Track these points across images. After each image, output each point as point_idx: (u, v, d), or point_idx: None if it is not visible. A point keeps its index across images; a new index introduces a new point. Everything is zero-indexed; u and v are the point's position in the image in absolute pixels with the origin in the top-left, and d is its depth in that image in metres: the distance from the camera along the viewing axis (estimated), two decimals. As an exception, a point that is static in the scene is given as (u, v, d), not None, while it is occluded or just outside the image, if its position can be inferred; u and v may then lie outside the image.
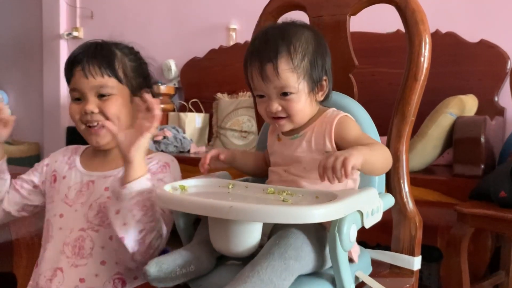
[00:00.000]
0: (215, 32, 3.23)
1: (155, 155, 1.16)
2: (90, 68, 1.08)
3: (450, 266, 1.70)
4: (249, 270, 0.71)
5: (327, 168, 0.75)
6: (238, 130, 2.89)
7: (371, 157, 0.81)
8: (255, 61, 0.89)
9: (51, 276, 1.07)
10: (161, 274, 0.76)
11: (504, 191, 1.59)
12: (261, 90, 0.90)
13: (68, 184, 1.15)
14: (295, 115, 0.90)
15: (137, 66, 1.16)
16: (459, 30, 2.44)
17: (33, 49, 4.10)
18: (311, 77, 0.89)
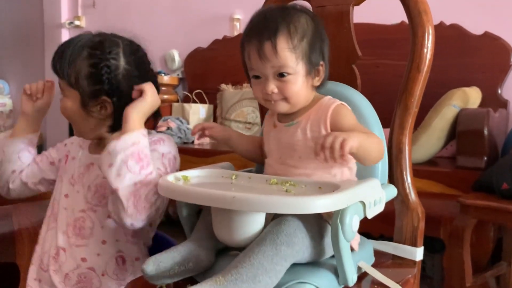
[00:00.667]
0: (219, 22, 3.22)
1: (150, 134, 1.13)
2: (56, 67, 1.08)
3: (452, 257, 1.71)
4: (241, 256, 0.72)
5: (325, 147, 0.75)
6: (242, 122, 2.89)
7: (366, 144, 0.81)
8: (253, 39, 0.87)
9: (54, 255, 1.10)
10: (159, 272, 0.76)
11: (507, 183, 1.60)
12: (258, 70, 0.88)
13: (75, 165, 1.17)
14: (291, 97, 0.89)
15: (95, 73, 1.06)
16: (464, 22, 2.44)
17: (34, 38, 4.08)
18: (309, 59, 0.88)
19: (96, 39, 1.08)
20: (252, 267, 0.70)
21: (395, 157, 0.99)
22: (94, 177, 1.11)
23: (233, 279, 0.69)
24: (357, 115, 0.95)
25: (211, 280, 0.69)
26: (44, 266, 1.11)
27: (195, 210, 0.91)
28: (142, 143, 0.98)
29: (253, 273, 0.70)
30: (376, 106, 1.05)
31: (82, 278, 1.07)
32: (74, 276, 1.07)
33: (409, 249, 0.98)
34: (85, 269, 1.07)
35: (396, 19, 2.43)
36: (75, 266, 1.07)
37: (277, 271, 0.72)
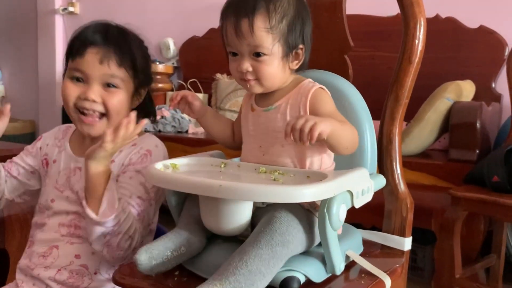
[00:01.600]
0: (214, 10, 3.12)
1: (139, 140, 1.11)
2: (107, 54, 1.03)
3: (443, 248, 1.73)
4: (237, 260, 0.71)
5: (295, 129, 0.74)
6: (237, 111, 2.87)
7: (339, 131, 0.79)
8: (230, 15, 0.85)
9: (44, 253, 1.07)
10: (152, 260, 0.76)
11: (497, 176, 1.61)
12: (234, 47, 0.86)
13: (58, 168, 1.13)
14: (265, 79, 0.86)
15: (145, 62, 1.11)
16: (459, 16, 2.44)
17: (27, 24, 4.04)
18: (286, 41, 0.85)
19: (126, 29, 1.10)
20: (250, 274, 0.69)
21: (385, 147, 1.00)
22: (83, 184, 1.05)
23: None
24: (347, 106, 0.95)
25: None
26: (32, 264, 1.08)
27: (184, 198, 0.91)
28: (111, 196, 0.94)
29: (251, 280, 0.69)
30: (371, 97, 1.05)
31: (73, 275, 1.05)
32: (66, 272, 1.05)
33: (397, 239, 0.99)
34: (78, 266, 1.06)
35: (392, 11, 2.43)
36: (67, 263, 1.06)
37: (273, 272, 0.73)
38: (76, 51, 1.05)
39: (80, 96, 1.05)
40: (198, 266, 0.81)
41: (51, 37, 3.84)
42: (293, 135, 0.75)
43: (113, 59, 1.04)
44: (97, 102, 1.05)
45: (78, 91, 1.06)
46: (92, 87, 1.04)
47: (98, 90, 1.05)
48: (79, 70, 1.05)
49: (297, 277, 0.75)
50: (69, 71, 1.07)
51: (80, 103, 1.06)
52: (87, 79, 1.05)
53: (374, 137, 0.98)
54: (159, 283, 0.80)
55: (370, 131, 0.97)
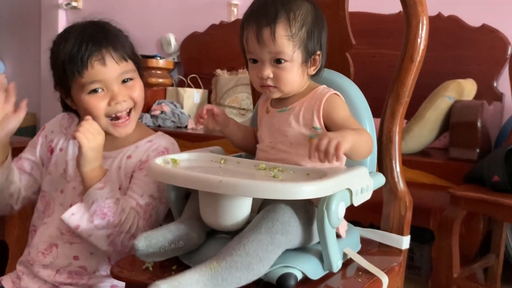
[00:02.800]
0: (216, 7, 3.20)
1: (155, 138, 1.13)
2: (112, 55, 1.03)
3: (441, 247, 1.73)
4: (235, 243, 0.72)
5: (319, 150, 0.76)
6: (236, 107, 2.88)
7: (358, 143, 0.82)
8: (252, 24, 0.88)
9: (44, 250, 1.07)
10: (149, 248, 0.76)
11: (498, 176, 1.61)
12: (255, 54, 0.89)
13: (65, 157, 1.12)
14: (285, 85, 0.89)
15: (132, 44, 1.11)
16: (461, 14, 2.43)
17: (31, 18, 4.05)
18: (306, 48, 0.89)
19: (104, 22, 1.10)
20: (247, 255, 0.70)
21: (384, 146, 1.00)
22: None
23: (228, 267, 0.69)
24: (348, 103, 0.95)
25: (205, 267, 0.69)
26: (31, 259, 1.09)
27: (184, 193, 0.91)
28: (101, 197, 0.96)
29: (248, 261, 0.70)
30: (372, 95, 1.05)
31: (72, 275, 1.06)
32: (65, 272, 1.06)
33: (395, 237, 0.99)
34: (77, 267, 1.06)
35: (394, 9, 2.42)
36: (66, 264, 1.06)
37: (270, 259, 0.73)
38: (79, 65, 1.01)
39: (110, 103, 1.04)
40: (196, 261, 0.81)
41: (54, 31, 3.81)
42: (318, 155, 0.76)
43: (118, 55, 1.04)
44: (126, 101, 1.06)
45: (104, 100, 1.04)
46: (116, 90, 1.04)
47: (121, 89, 1.05)
48: (95, 81, 1.03)
49: (294, 274, 0.75)
50: (83, 86, 1.03)
51: (111, 110, 1.05)
52: (105, 86, 1.04)
53: (374, 135, 0.98)
54: (156, 276, 0.80)
55: (370, 129, 0.97)
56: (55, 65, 1.06)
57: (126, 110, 1.07)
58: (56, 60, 1.05)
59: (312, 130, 0.89)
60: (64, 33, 1.07)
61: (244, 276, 0.70)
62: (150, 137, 1.13)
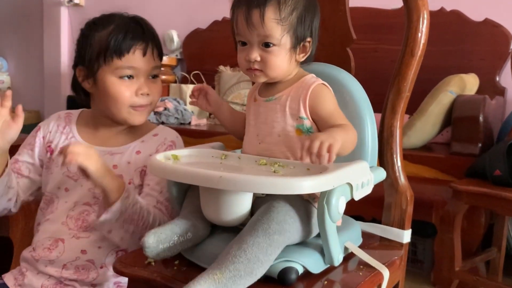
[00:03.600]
0: (218, 3, 3.20)
1: (160, 131, 1.16)
2: (151, 49, 1.08)
3: (443, 241, 1.73)
4: (236, 248, 0.72)
5: (312, 153, 0.75)
6: (239, 104, 2.89)
7: (346, 141, 0.82)
8: (242, 5, 0.87)
9: (50, 245, 1.07)
10: (159, 244, 0.76)
11: (499, 170, 1.61)
12: (244, 36, 0.88)
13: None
14: (271, 69, 0.88)
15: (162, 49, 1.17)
16: (464, 9, 2.43)
17: (33, 15, 4.06)
18: (295, 33, 0.87)
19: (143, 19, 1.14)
20: (249, 262, 0.70)
21: (385, 140, 1.00)
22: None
23: (232, 276, 0.69)
24: (349, 99, 0.95)
25: (208, 277, 0.68)
26: (36, 255, 1.08)
27: (185, 189, 0.91)
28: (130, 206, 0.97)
29: (250, 267, 0.70)
30: (374, 90, 1.05)
31: (79, 269, 1.06)
32: (72, 267, 1.06)
33: (396, 231, 0.99)
34: (84, 261, 1.06)
35: (395, 4, 2.42)
36: (73, 258, 1.06)
37: (271, 260, 0.74)
38: (123, 48, 1.05)
39: (136, 92, 1.08)
40: (198, 256, 0.82)
41: (57, 28, 3.86)
42: (310, 158, 0.76)
43: (156, 51, 1.10)
44: (150, 94, 1.10)
45: (131, 88, 1.07)
46: (143, 82, 1.09)
47: (148, 82, 1.10)
48: (130, 67, 1.06)
49: (295, 268, 0.76)
50: (117, 70, 1.06)
51: (134, 100, 1.08)
52: (137, 75, 1.08)
53: (375, 130, 0.98)
54: (158, 272, 0.81)
55: (371, 124, 0.97)
56: (88, 45, 1.08)
57: (146, 104, 1.10)
58: (91, 40, 1.07)
59: (298, 120, 0.88)
60: (105, 18, 1.10)
61: (248, 282, 0.70)
62: (154, 130, 1.16)
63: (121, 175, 1.07)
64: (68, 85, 1.20)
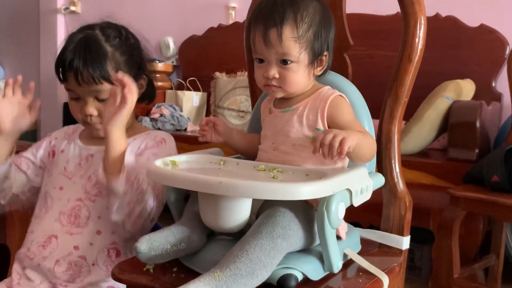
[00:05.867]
0: (214, 10, 3.21)
1: (152, 131, 1.19)
2: (83, 76, 1.05)
3: (441, 248, 1.73)
4: (238, 249, 0.72)
5: (324, 144, 0.76)
6: (235, 110, 2.89)
7: (362, 144, 0.82)
8: (259, 24, 0.87)
9: (43, 242, 1.09)
10: (151, 251, 0.76)
11: (497, 176, 1.61)
12: (262, 54, 0.89)
13: (66, 157, 1.16)
14: (289, 85, 0.89)
15: (128, 58, 1.12)
16: (460, 14, 2.43)
17: (30, 22, 4.06)
18: (313, 49, 0.88)
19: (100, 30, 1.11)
20: (250, 262, 0.70)
21: (384, 146, 1.00)
22: (96, 168, 1.11)
23: (232, 275, 0.68)
24: (347, 104, 0.95)
25: (209, 276, 0.68)
26: (31, 254, 1.10)
27: (183, 195, 0.91)
28: (130, 166, 0.99)
29: (252, 268, 0.70)
30: (370, 96, 1.05)
31: (72, 266, 1.07)
32: (65, 263, 1.07)
33: (395, 237, 0.99)
34: (76, 257, 1.07)
35: (391, 10, 2.42)
36: (66, 253, 1.07)
37: (273, 264, 0.73)
38: (59, 73, 1.10)
39: (81, 113, 1.11)
40: (196, 263, 0.81)
41: (53, 36, 3.86)
42: (322, 150, 0.76)
43: (90, 79, 1.06)
44: (94, 116, 1.10)
45: (79, 108, 1.11)
46: (87, 104, 1.09)
47: (93, 103, 1.09)
48: (71, 90, 1.10)
49: (294, 275, 0.75)
50: (68, 90, 1.11)
51: (83, 118, 1.11)
52: (81, 97, 1.10)
53: (374, 136, 0.98)
54: (157, 279, 0.80)
55: (369, 129, 0.97)
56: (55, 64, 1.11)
57: (96, 122, 1.11)
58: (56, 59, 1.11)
59: (315, 132, 0.88)
60: (67, 37, 1.12)
61: (249, 282, 0.69)
62: (148, 131, 1.20)
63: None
64: (64, 92, 1.23)
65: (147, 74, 1.19)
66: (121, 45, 1.11)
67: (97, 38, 1.09)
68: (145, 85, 1.19)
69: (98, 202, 1.09)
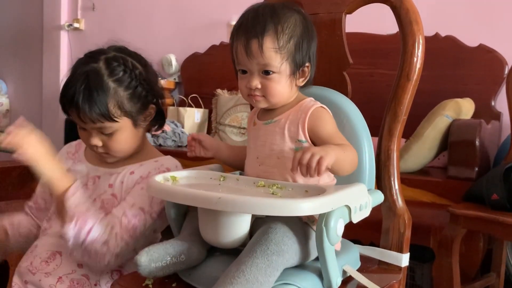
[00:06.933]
0: (216, 28, 3.24)
1: (161, 159, 1.18)
2: (85, 117, 1.06)
3: (441, 266, 1.72)
4: (234, 270, 0.72)
5: (302, 164, 0.77)
6: (236, 127, 2.89)
7: (342, 159, 0.82)
8: (241, 36, 0.89)
9: (47, 258, 1.09)
10: (151, 263, 0.77)
11: (497, 194, 1.61)
12: (244, 65, 0.90)
13: (74, 176, 1.13)
14: (272, 96, 0.90)
15: (133, 92, 1.11)
16: (459, 34, 2.46)
17: (33, 39, 4.10)
18: (294, 60, 0.89)
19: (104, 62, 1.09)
20: (247, 282, 0.70)
21: (383, 163, 1.00)
22: (101, 191, 1.12)
23: None
24: (346, 122, 0.96)
25: None
26: (33, 268, 1.09)
27: (183, 210, 0.92)
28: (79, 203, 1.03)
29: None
30: (370, 114, 1.06)
31: (74, 284, 1.06)
32: (67, 280, 1.06)
33: (395, 255, 0.99)
34: (80, 275, 1.07)
35: (391, 30, 2.45)
36: (70, 271, 1.07)
37: (270, 281, 0.73)
38: (64, 107, 1.11)
39: (87, 142, 1.12)
40: (196, 278, 0.81)
41: (56, 52, 3.89)
42: (300, 169, 0.77)
43: (93, 118, 1.06)
44: (99, 146, 1.11)
45: (85, 137, 1.13)
46: (92, 136, 1.10)
47: (97, 136, 1.10)
48: (76, 122, 1.11)
49: (293, 291, 0.76)
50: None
51: (90, 147, 1.13)
52: (86, 129, 1.11)
53: (373, 153, 0.99)
54: (156, 294, 0.81)
55: (368, 147, 0.98)
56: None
57: (102, 152, 1.12)
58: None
59: (297, 143, 0.89)
60: (70, 70, 1.12)
61: None
62: (157, 157, 1.18)
63: (115, 194, 1.11)
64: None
65: (156, 102, 1.18)
66: (125, 79, 1.09)
67: (100, 73, 1.07)
68: (154, 113, 1.17)
69: None
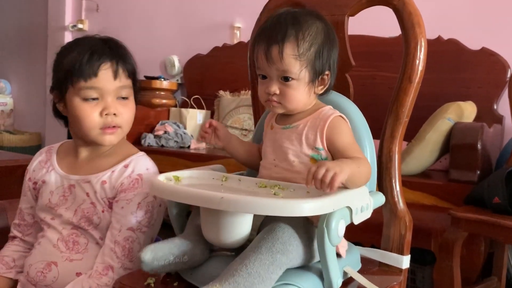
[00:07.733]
0: (219, 29, 3.25)
1: (131, 162, 1.10)
2: (119, 69, 1.05)
3: (442, 269, 1.72)
4: (237, 263, 0.73)
5: (316, 179, 0.77)
6: (239, 128, 2.90)
7: (355, 174, 0.82)
8: (262, 41, 0.90)
9: (42, 269, 1.07)
10: (155, 261, 0.78)
11: (498, 197, 1.61)
12: (264, 70, 0.91)
13: (49, 188, 1.12)
14: (289, 102, 0.91)
15: (135, 65, 1.12)
16: (461, 38, 2.46)
17: (37, 40, 4.13)
18: (313, 67, 0.90)
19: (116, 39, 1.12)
20: (249, 276, 0.71)
21: (384, 165, 1.01)
22: (80, 201, 1.08)
23: None
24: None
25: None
26: (31, 279, 1.08)
27: (185, 210, 0.92)
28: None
29: (250, 282, 0.70)
30: (372, 116, 1.07)
31: None
32: None
33: (395, 256, 0.99)
34: None
35: (393, 33, 2.46)
36: (69, 281, 1.04)
37: (272, 279, 0.74)
38: (86, 70, 1.03)
39: (102, 113, 1.05)
40: (197, 278, 0.82)
41: (61, 53, 3.91)
42: (314, 183, 0.77)
43: (123, 71, 1.06)
44: (117, 115, 1.06)
45: (96, 110, 1.05)
46: (109, 102, 1.05)
47: (114, 105, 1.06)
48: (94, 88, 1.04)
49: (294, 291, 0.76)
50: (81, 91, 1.04)
51: (101, 121, 1.06)
52: (102, 96, 1.05)
53: (374, 156, 0.99)
54: (158, 294, 0.81)
55: (370, 149, 0.98)
56: (59, 68, 1.07)
57: (114, 124, 1.07)
58: (61, 63, 1.07)
59: (314, 150, 0.90)
60: (75, 41, 1.11)
61: None
62: (127, 160, 1.10)
63: (94, 203, 1.06)
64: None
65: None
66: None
67: (117, 40, 1.11)
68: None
69: (91, 231, 1.07)
